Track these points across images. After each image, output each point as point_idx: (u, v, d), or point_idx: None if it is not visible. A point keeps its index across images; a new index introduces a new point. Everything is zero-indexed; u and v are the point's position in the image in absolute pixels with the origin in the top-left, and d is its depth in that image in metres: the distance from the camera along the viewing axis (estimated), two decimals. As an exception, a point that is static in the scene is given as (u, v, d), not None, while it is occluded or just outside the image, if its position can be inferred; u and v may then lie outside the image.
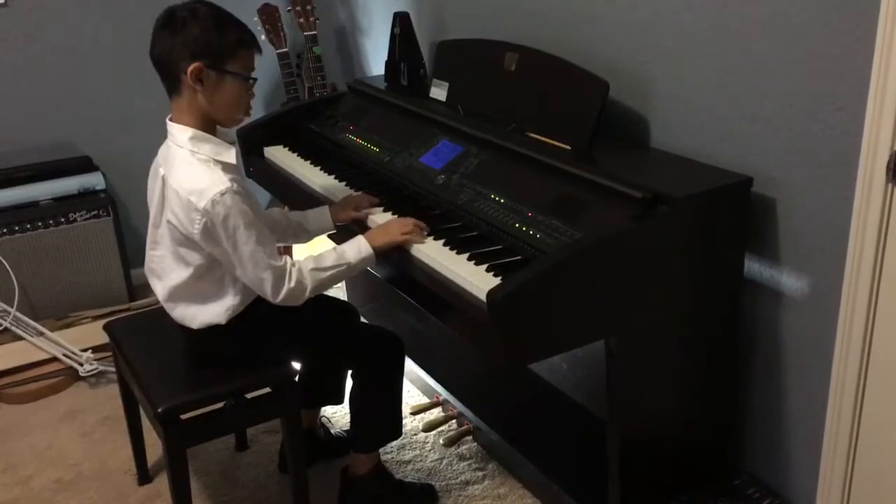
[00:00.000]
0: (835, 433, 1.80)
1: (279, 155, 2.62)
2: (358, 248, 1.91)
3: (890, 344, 1.66)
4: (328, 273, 1.88)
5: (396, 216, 2.07)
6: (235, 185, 1.77)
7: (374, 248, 1.91)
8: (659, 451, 1.93)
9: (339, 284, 3.20)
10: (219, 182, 1.76)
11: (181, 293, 1.92)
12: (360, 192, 2.24)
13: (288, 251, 3.13)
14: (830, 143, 1.68)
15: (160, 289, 1.96)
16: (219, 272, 1.88)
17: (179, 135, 1.82)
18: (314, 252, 1.94)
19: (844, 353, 1.73)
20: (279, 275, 1.81)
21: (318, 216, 2.17)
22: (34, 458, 2.55)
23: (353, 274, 1.95)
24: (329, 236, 2.28)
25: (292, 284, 1.82)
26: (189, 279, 1.88)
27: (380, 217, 2.11)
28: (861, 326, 1.68)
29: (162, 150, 1.91)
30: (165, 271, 1.92)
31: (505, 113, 2.22)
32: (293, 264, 1.85)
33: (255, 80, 1.87)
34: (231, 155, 1.85)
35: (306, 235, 2.20)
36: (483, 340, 1.67)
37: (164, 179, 1.84)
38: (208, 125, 1.85)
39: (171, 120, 1.86)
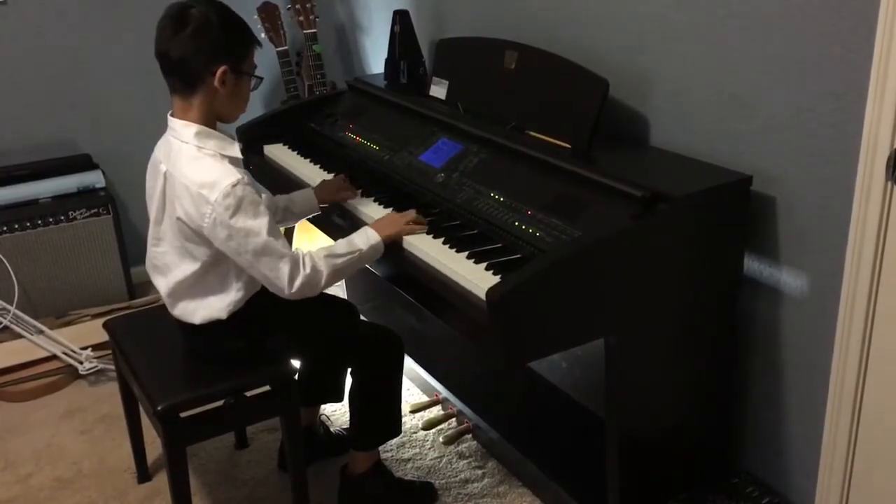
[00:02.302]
0: (834, 432, 1.81)
1: (279, 153, 2.62)
2: (366, 236, 1.92)
3: (889, 342, 1.66)
4: (342, 259, 1.87)
5: (392, 210, 2.09)
6: (246, 178, 1.78)
7: (381, 237, 1.92)
8: (658, 450, 1.93)
9: (339, 283, 3.20)
10: (229, 174, 1.76)
11: (185, 288, 1.92)
12: (341, 175, 2.29)
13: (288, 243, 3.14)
14: (830, 142, 1.68)
15: (163, 285, 1.96)
16: (224, 266, 1.88)
17: (183, 130, 1.82)
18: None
19: (844, 352, 1.73)
20: (294, 263, 1.80)
21: (303, 198, 2.22)
22: (33, 456, 2.55)
23: (363, 263, 1.95)
24: (317, 226, 2.30)
25: (308, 271, 1.81)
26: (195, 273, 1.88)
27: (374, 211, 2.11)
28: (860, 325, 1.69)
29: (161, 147, 1.90)
30: (169, 267, 1.92)
31: (505, 111, 2.22)
32: (306, 253, 1.84)
33: (262, 78, 1.90)
34: (236, 149, 1.85)
35: (294, 218, 2.24)
36: (482, 339, 1.67)
37: (166, 175, 1.84)
38: (212, 121, 1.86)
39: (172, 115, 1.86)
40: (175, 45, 1.76)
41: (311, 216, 2.26)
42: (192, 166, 1.79)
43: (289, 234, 3.15)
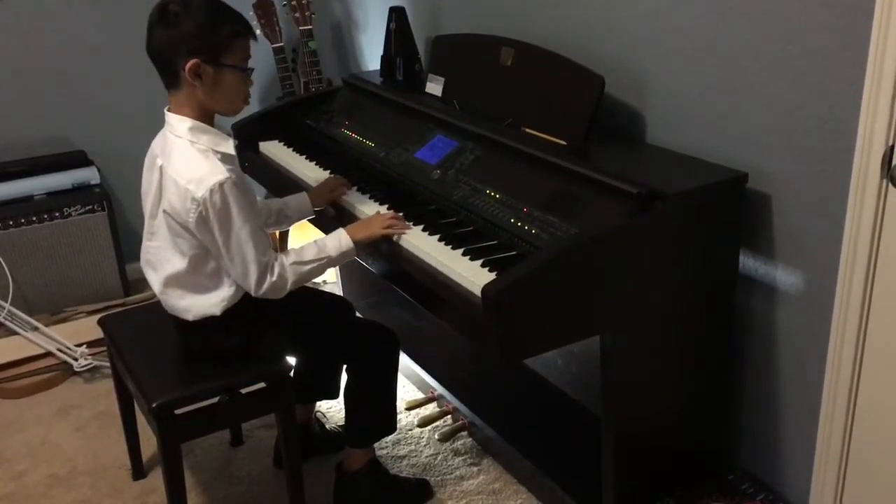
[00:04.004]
0: (829, 429, 1.81)
1: (274, 150, 2.62)
2: (339, 241, 1.95)
3: (884, 339, 1.66)
4: (309, 266, 1.91)
5: (381, 210, 2.09)
6: (234, 176, 1.78)
7: (354, 242, 1.94)
8: (653, 447, 1.93)
9: (335, 280, 3.20)
10: (217, 172, 1.76)
11: (177, 284, 1.92)
12: (334, 176, 2.29)
13: (283, 242, 3.13)
14: (825, 139, 1.69)
15: (155, 280, 1.96)
16: (215, 262, 1.88)
17: (178, 125, 1.82)
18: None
19: (839, 349, 1.74)
20: (263, 269, 1.83)
21: (297, 202, 2.22)
22: (28, 453, 2.54)
23: (333, 266, 2.00)
24: (310, 221, 2.32)
25: (274, 278, 1.85)
26: (185, 269, 1.88)
27: (370, 208, 2.11)
28: (855, 322, 1.69)
29: (158, 141, 1.90)
30: (161, 262, 1.92)
31: (500, 108, 2.22)
32: (275, 258, 1.87)
33: (251, 70, 1.88)
34: (229, 146, 1.85)
35: (288, 221, 2.24)
36: (478, 336, 1.67)
37: (161, 169, 1.84)
38: (207, 116, 1.85)
39: (169, 111, 1.86)
40: (152, 39, 1.79)
41: (305, 219, 2.26)
42: (183, 160, 1.80)
43: (283, 235, 3.15)
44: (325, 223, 2.28)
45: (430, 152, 2.25)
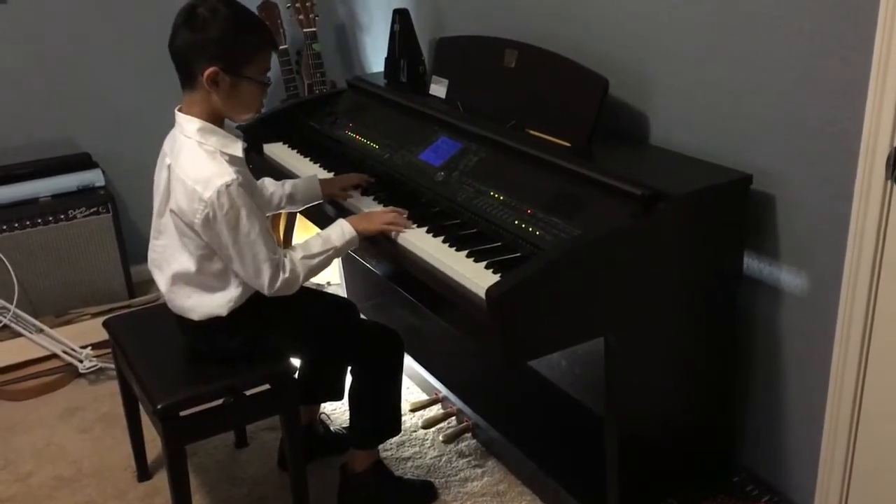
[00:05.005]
0: (834, 430, 1.81)
1: (278, 152, 2.62)
2: (341, 231, 1.96)
3: (889, 340, 1.66)
4: (317, 259, 1.92)
5: (382, 207, 2.10)
6: (240, 178, 1.78)
7: (356, 231, 1.96)
8: (657, 448, 1.93)
9: (339, 282, 3.20)
10: (224, 173, 1.77)
11: (184, 282, 1.92)
12: (358, 174, 2.30)
13: (288, 240, 3.14)
14: (830, 140, 1.68)
15: (162, 279, 1.96)
16: (220, 262, 1.89)
17: (188, 125, 1.83)
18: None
19: (843, 350, 1.73)
20: (275, 267, 1.84)
21: (307, 185, 2.24)
22: (33, 454, 2.55)
23: (339, 257, 2.02)
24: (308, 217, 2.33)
25: (287, 275, 1.85)
26: (192, 268, 1.89)
27: (371, 209, 2.11)
28: (860, 323, 1.69)
29: (168, 140, 1.91)
30: (168, 261, 1.93)
31: (504, 110, 2.22)
32: (284, 255, 1.88)
33: (270, 82, 1.88)
34: (238, 148, 1.86)
35: (296, 204, 2.26)
36: (482, 337, 1.67)
37: (169, 168, 1.85)
38: (217, 119, 1.86)
39: (180, 110, 1.86)
40: (175, 38, 1.79)
41: (311, 205, 2.28)
42: (191, 161, 1.80)
43: (288, 234, 3.15)
44: (324, 222, 2.29)
45: (433, 154, 2.25)
